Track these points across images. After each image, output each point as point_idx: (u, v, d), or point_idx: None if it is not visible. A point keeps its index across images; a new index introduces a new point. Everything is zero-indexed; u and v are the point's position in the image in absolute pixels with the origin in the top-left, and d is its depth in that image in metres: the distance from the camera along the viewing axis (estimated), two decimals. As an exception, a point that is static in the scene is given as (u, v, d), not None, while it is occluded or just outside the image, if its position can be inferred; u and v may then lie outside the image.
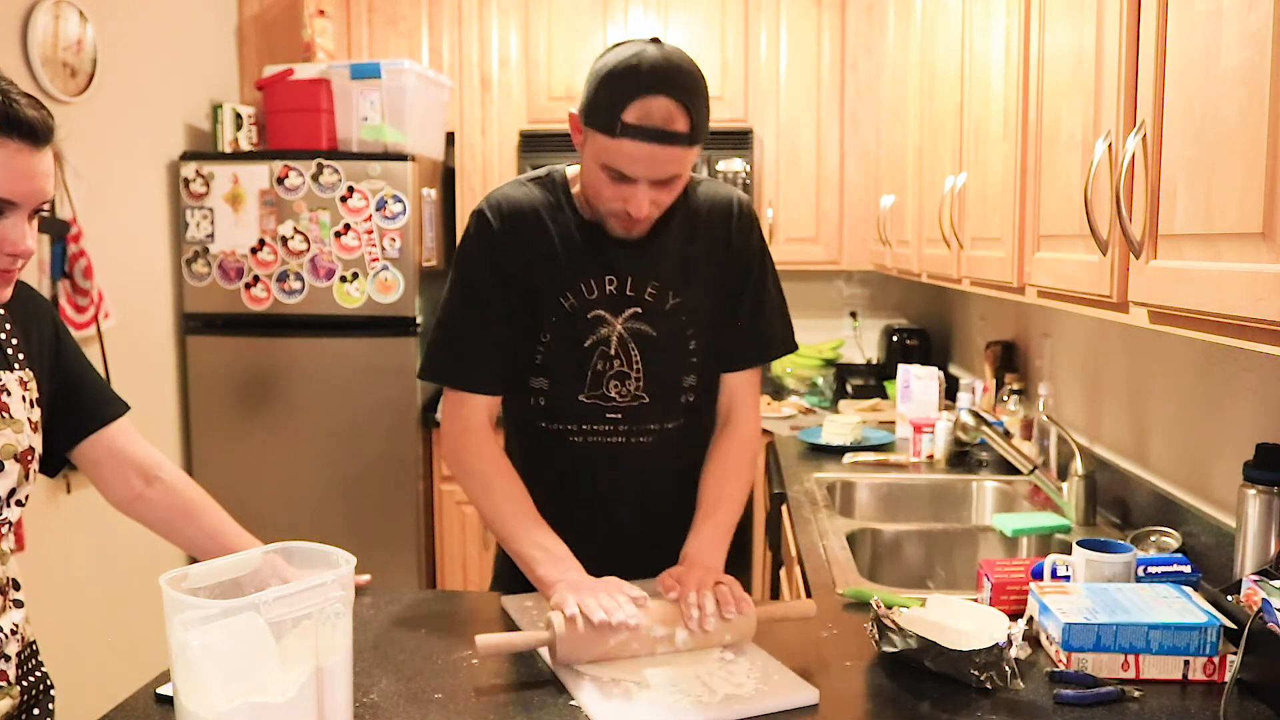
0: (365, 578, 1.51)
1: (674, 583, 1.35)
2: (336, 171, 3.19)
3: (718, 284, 1.54)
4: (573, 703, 1.19)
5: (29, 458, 1.22)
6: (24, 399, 1.22)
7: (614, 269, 1.48)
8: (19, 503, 1.21)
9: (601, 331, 1.49)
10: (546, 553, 1.39)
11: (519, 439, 1.59)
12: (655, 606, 1.31)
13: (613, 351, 1.49)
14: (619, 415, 1.51)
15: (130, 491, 1.39)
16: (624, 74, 1.34)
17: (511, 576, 1.53)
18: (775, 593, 2.37)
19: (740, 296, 1.56)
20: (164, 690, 1.21)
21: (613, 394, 1.50)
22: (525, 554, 1.41)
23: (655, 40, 1.38)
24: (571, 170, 1.55)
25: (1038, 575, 1.46)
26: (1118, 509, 2.04)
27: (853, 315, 3.93)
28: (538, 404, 1.53)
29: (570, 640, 1.25)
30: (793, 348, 1.62)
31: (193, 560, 1.20)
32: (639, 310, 1.49)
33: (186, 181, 3.25)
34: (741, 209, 1.56)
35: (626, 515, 1.56)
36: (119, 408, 1.40)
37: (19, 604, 1.25)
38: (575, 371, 1.50)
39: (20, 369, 1.24)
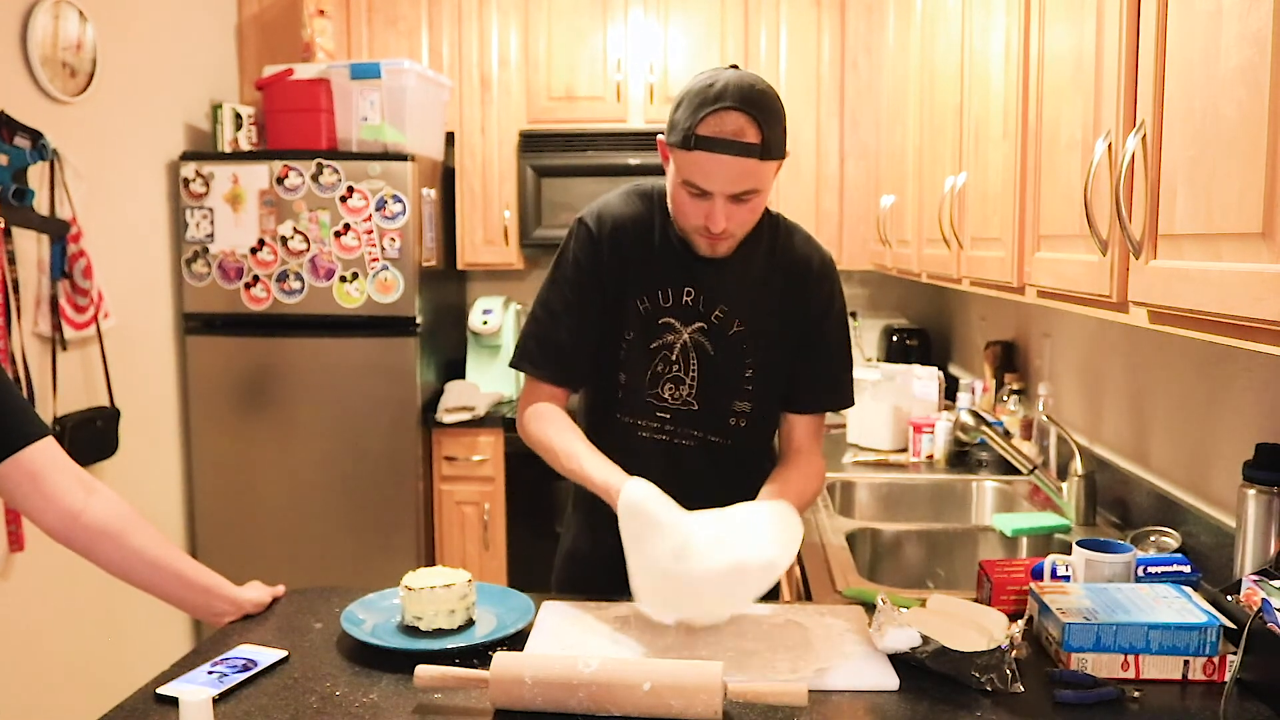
0: (280, 589, 1.53)
1: None
2: (336, 171, 3.19)
3: (784, 326, 1.61)
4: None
5: None
6: None
7: (692, 284, 1.57)
8: None
9: (668, 337, 1.59)
10: (609, 484, 1.43)
11: (603, 430, 1.64)
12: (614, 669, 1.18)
13: (674, 357, 1.59)
14: (666, 415, 1.61)
15: (75, 504, 1.33)
16: (699, 93, 1.42)
17: (570, 579, 1.70)
18: (775, 593, 2.36)
19: (811, 344, 1.62)
20: (164, 690, 1.21)
21: (665, 395, 1.60)
22: (599, 485, 1.45)
23: (734, 66, 1.49)
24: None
25: (1038, 575, 1.46)
26: (1117, 509, 2.04)
27: (853, 315, 3.93)
28: (618, 397, 1.62)
29: (502, 686, 1.17)
30: (851, 404, 1.68)
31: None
32: (704, 326, 1.58)
33: (186, 181, 3.25)
34: (823, 265, 1.63)
35: None
36: (38, 429, 1.33)
37: None
38: (643, 369, 1.60)
39: None
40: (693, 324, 1.58)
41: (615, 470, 1.45)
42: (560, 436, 1.54)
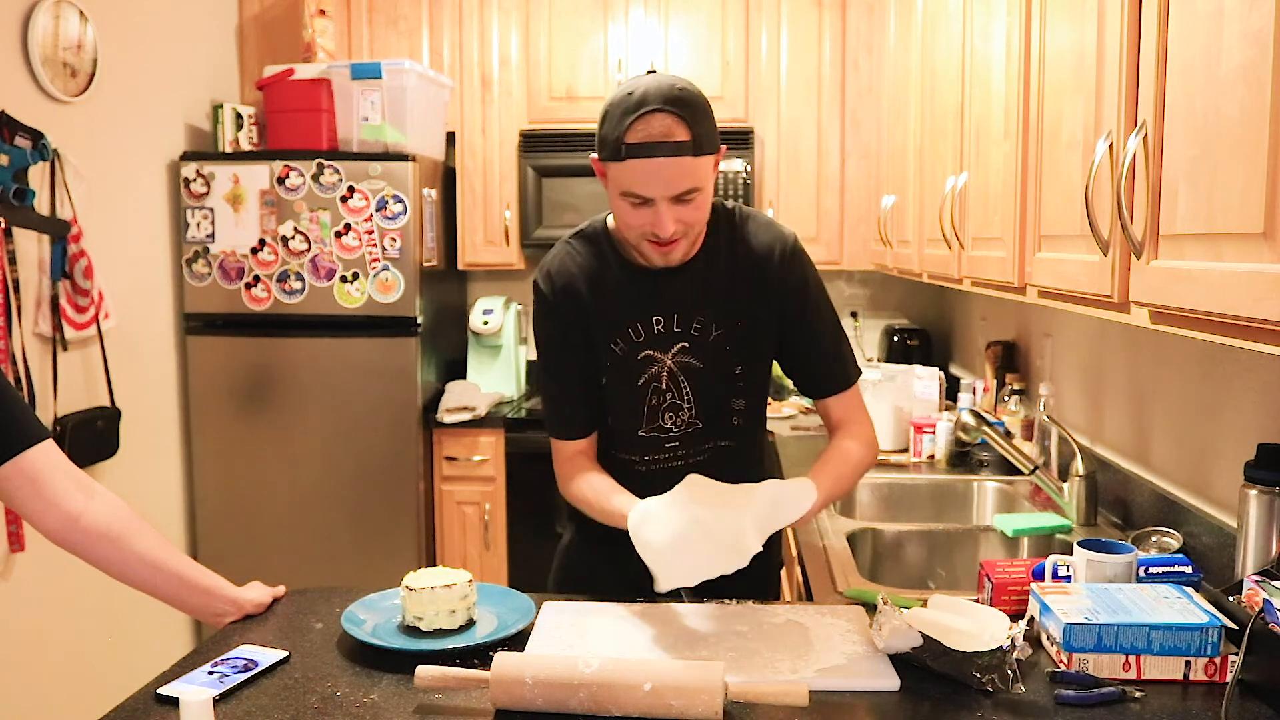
0: (280, 589, 1.53)
1: None
2: (337, 171, 3.19)
3: (761, 317, 1.57)
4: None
5: None
6: None
7: (660, 309, 1.55)
8: None
9: (652, 370, 1.56)
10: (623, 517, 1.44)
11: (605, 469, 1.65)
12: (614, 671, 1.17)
13: (664, 386, 1.57)
14: (676, 443, 1.59)
15: (74, 508, 1.33)
16: (620, 102, 1.41)
17: (571, 578, 1.69)
18: (776, 593, 2.36)
19: (800, 328, 1.59)
20: (164, 690, 1.21)
21: (669, 425, 1.58)
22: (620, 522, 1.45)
23: (651, 71, 1.47)
24: (612, 219, 1.59)
25: (1039, 575, 1.46)
26: (1119, 509, 2.04)
27: (853, 315, 3.93)
28: (608, 436, 1.63)
29: (503, 686, 1.17)
30: (859, 373, 1.65)
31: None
32: (686, 344, 1.56)
33: (187, 181, 3.25)
34: (786, 248, 1.57)
35: None
36: (37, 432, 1.33)
37: None
38: (633, 409, 1.58)
39: None
40: (673, 348, 1.55)
41: (628, 499, 1.46)
42: (590, 490, 1.54)
